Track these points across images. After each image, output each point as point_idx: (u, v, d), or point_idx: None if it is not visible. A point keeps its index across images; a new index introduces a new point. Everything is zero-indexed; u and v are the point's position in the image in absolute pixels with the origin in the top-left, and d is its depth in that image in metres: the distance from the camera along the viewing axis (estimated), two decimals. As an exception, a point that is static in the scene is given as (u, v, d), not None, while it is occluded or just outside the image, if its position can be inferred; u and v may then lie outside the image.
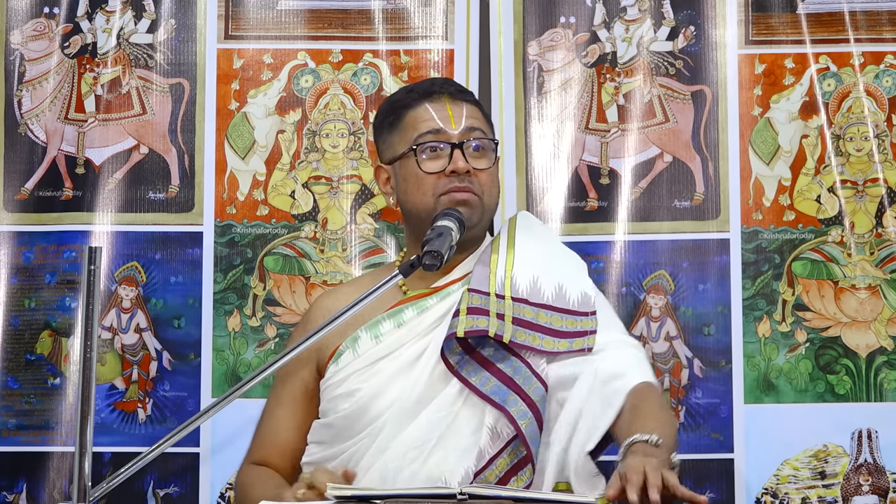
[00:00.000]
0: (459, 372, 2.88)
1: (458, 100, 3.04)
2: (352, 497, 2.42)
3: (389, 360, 2.94)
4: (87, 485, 2.43)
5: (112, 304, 3.58)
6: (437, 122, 2.99)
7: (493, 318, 2.87)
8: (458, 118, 3.00)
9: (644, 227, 3.58)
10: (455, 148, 2.96)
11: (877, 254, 3.56)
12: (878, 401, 3.53)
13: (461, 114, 3.01)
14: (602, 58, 3.62)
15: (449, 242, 2.80)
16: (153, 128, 3.62)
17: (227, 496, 3.53)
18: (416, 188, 2.97)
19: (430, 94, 3.03)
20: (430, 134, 2.98)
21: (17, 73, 3.61)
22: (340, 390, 2.95)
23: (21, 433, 3.56)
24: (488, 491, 2.43)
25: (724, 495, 3.51)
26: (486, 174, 2.99)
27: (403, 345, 2.94)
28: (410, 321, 2.96)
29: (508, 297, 2.92)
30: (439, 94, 3.04)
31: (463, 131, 2.99)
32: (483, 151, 3.00)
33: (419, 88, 3.07)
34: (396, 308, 2.98)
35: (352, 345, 2.96)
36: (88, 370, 2.43)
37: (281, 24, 3.63)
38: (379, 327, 2.97)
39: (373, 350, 2.94)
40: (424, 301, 2.98)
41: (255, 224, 3.59)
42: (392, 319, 2.97)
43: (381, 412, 2.89)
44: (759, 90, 3.59)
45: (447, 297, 2.97)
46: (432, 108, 3.01)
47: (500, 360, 2.88)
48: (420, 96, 3.04)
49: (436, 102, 3.02)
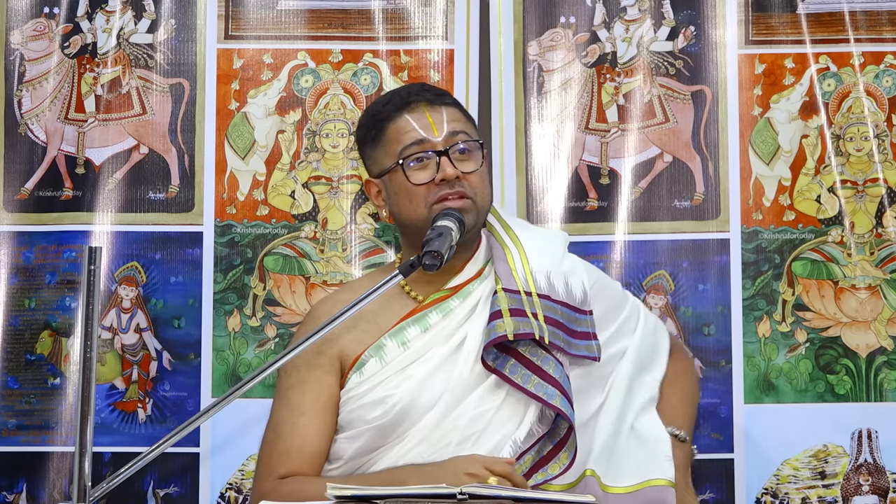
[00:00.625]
0: (500, 370, 2.90)
1: (436, 105, 3.00)
2: (352, 497, 2.42)
3: (419, 364, 2.93)
4: (87, 485, 2.43)
5: (112, 304, 3.58)
6: (420, 132, 2.96)
7: (531, 319, 2.91)
8: (440, 124, 2.97)
9: (644, 227, 3.58)
10: (441, 155, 2.95)
11: (877, 254, 3.56)
12: (878, 401, 3.53)
13: (441, 119, 2.98)
14: (602, 58, 3.62)
15: (449, 242, 2.80)
16: (153, 128, 3.62)
17: (227, 496, 3.53)
18: (408, 201, 2.96)
19: (407, 103, 2.99)
20: (414, 145, 2.95)
21: (17, 73, 3.61)
22: (368, 399, 2.92)
23: (21, 433, 3.56)
24: (488, 491, 2.43)
25: (724, 495, 3.51)
26: (476, 176, 2.97)
27: (432, 348, 2.94)
28: (436, 325, 2.96)
29: (535, 294, 2.95)
30: (416, 102, 2.99)
31: (446, 137, 2.96)
32: (469, 153, 2.97)
33: (396, 99, 3.02)
34: (420, 313, 2.97)
35: (377, 353, 2.94)
36: (88, 370, 2.42)
37: (281, 24, 3.63)
38: (405, 333, 2.96)
39: (401, 356, 2.93)
40: (447, 303, 2.98)
41: (255, 224, 3.59)
42: (418, 325, 2.96)
43: (420, 414, 2.88)
44: (759, 90, 3.59)
45: (468, 295, 2.98)
46: (412, 118, 2.98)
47: (537, 357, 2.91)
48: (398, 107, 3.00)
49: (414, 112, 2.98)
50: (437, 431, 2.87)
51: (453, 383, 2.90)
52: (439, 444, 2.86)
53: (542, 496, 2.49)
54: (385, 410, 2.89)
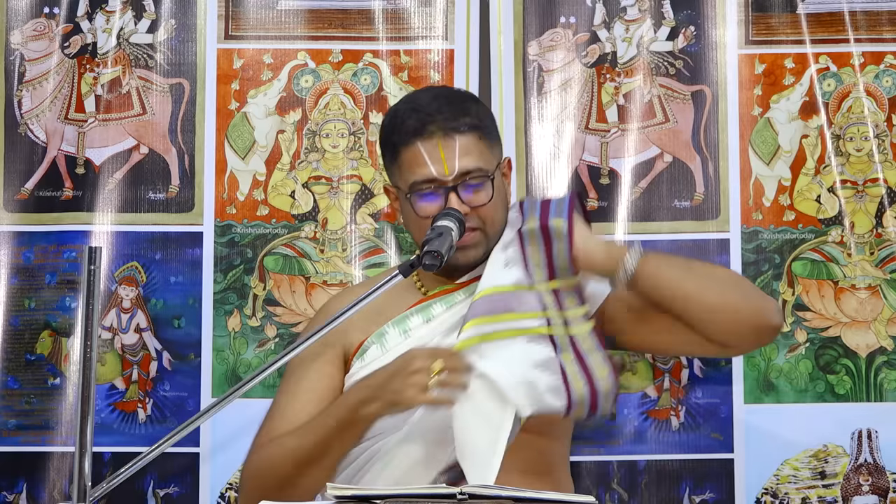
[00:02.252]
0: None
1: (450, 134, 2.93)
2: (352, 497, 2.41)
3: None
4: (87, 485, 2.42)
5: (112, 304, 3.58)
6: (430, 169, 2.91)
7: None
8: (451, 161, 2.92)
9: (644, 227, 3.58)
10: (450, 192, 2.93)
11: (877, 254, 3.56)
12: (878, 401, 3.53)
13: (454, 154, 2.93)
14: (602, 58, 3.62)
15: (449, 242, 2.80)
16: (153, 128, 3.62)
17: (227, 496, 3.53)
18: (416, 229, 2.96)
19: (422, 128, 2.93)
20: (423, 183, 2.92)
21: (17, 73, 3.61)
22: None
23: (21, 433, 3.56)
24: (488, 490, 2.43)
25: (724, 495, 3.51)
26: (487, 208, 2.94)
27: (432, 340, 2.94)
28: (439, 316, 2.96)
29: None
30: (431, 129, 2.93)
31: (457, 175, 2.92)
32: (481, 190, 2.94)
33: (411, 124, 2.95)
34: (425, 303, 2.98)
35: (378, 340, 2.95)
36: (88, 370, 2.42)
37: (281, 24, 3.63)
38: (407, 322, 2.96)
39: (402, 345, 2.93)
40: (452, 296, 2.98)
41: (255, 224, 3.59)
42: (421, 314, 2.97)
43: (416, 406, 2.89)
44: (759, 90, 3.59)
45: (475, 292, 2.98)
46: (424, 149, 2.92)
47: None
48: (413, 134, 2.93)
49: (428, 142, 2.92)
50: (434, 424, 2.87)
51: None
52: (437, 437, 2.86)
53: (542, 496, 2.49)
54: None
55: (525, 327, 2.87)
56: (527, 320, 2.87)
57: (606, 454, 3.54)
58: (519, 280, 2.89)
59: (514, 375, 2.82)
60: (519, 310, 2.88)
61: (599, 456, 3.54)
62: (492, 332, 2.86)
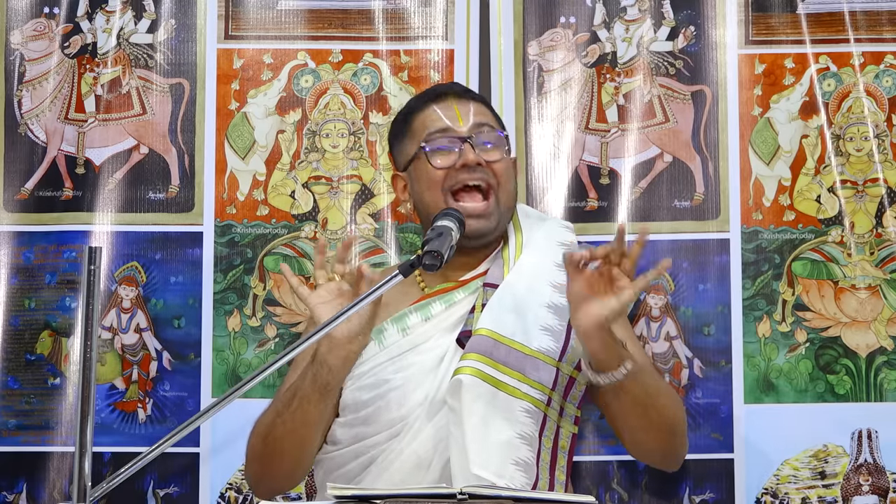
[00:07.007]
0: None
1: (464, 98, 3.07)
2: (352, 497, 2.41)
3: (416, 353, 2.94)
4: (87, 485, 2.42)
5: (112, 304, 3.58)
6: (445, 121, 3.02)
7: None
8: (466, 115, 3.02)
9: (644, 227, 3.58)
10: (464, 142, 2.98)
11: (877, 254, 3.56)
12: (878, 401, 3.53)
13: (468, 111, 3.04)
14: (602, 58, 3.62)
15: (449, 242, 2.80)
16: (153, 128, 3.62)
17: (228, 496, 3.53)
18: (427, 188, 2.99)
19: (436, 95, 3.07)
20: (437, 132, 3.01)
21: (17, 73, 3.61)
22: (365, 381, 2.94)
23: (21, 433, 3.56)
24: (488, 491, 2.43)
25: (724, 495, 3.51)
26: (500, 165, 3.00)
27: (430, 338, 2.95)
28: (438, 315, 2.97)
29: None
30: (445, 95, 3.07)
31: (471, 127, 3.01)
32: (494, 147, 3.02)
33: (426, 93, 3.12)
34: (424, 301, 2.99)
35: (377, 336, 2.95)
36: (88, 370, 2.42)
37: (281, 24, 3.63)
38: (406, 320, 2.97)
39: (399, 342, 2.95)
40: (451, 294, 2.99)
41: (255, 224, 3.59)
42: (419, 312, 2.98)
43: (412, 408, 2.89)
44: (759, 90, 3.59)
45: (475, 291, 2.99)
46: (439, 108, 3.04)
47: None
48: (427, 100, 3.08)
49: (442, 103, 3.05)
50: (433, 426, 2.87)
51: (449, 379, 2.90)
52: (436, 439, 2.86)
53: (542, 496, 2.49)
54: (376, 395, 2.90)
55: (528, 394, 2.88)
56: (533, 389, 2.89)
57: (606, 454, 3.54)
58: (548, 350, 2.91)
59: (493, 460, 2.82)
60: (530, 376, 2.89)
61: (599, 456, 3.54)
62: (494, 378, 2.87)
